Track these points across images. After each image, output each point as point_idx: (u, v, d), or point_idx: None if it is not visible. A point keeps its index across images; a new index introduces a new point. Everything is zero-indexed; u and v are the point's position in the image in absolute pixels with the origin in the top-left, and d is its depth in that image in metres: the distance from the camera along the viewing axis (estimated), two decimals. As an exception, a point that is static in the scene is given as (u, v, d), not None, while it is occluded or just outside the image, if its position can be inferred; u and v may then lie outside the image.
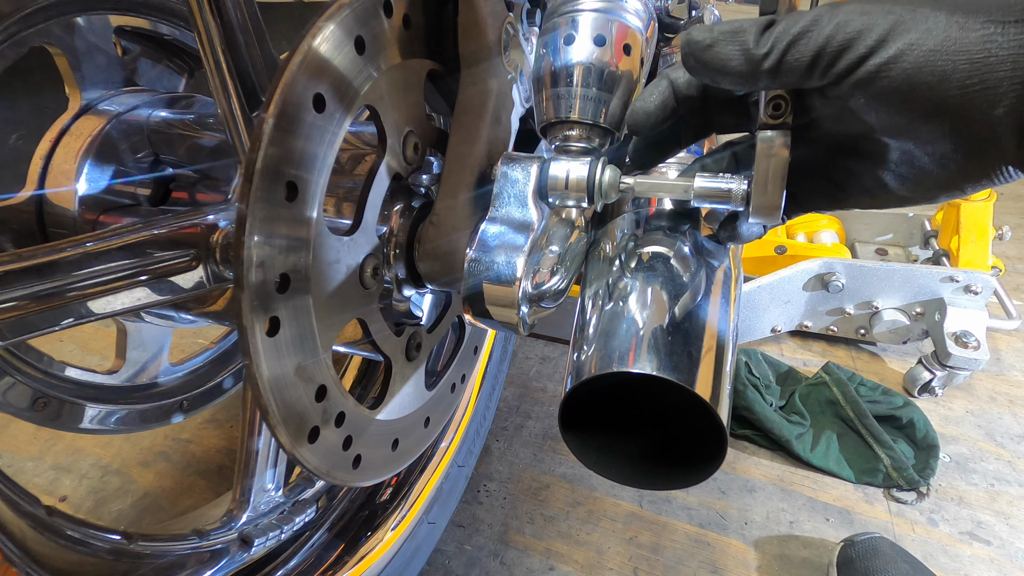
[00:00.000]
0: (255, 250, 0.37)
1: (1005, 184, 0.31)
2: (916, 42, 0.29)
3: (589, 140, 0.49)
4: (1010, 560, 0.91)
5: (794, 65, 0.32)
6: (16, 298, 0.38)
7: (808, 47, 0.32)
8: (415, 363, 0.58)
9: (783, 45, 0.32)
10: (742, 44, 0.33)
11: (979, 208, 1.27)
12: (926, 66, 0.29)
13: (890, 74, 0.30)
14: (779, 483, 1.04)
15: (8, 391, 0.66)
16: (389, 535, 0.77)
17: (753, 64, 0.33)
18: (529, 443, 1.11)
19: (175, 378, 0.86)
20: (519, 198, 0.47)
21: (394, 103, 0.47)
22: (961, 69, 0.28)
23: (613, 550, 0.93)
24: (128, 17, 0.69)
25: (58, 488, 1.02)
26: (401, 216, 0.52)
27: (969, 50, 0.28)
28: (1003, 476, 1.05)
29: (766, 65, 0.33)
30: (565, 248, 0.48)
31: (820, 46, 0.31)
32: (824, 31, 0.31)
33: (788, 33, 0.32)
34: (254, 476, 0.63)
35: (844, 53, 0.31)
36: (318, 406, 0.44)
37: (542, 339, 1.36)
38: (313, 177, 0.40)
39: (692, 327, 0.41)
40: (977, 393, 1.22)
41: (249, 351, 0.37)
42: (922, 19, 0.30)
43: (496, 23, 0.52)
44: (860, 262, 1.22)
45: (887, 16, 0.30)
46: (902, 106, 0.31)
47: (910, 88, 0.30)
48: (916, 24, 0.30)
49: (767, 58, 0.33)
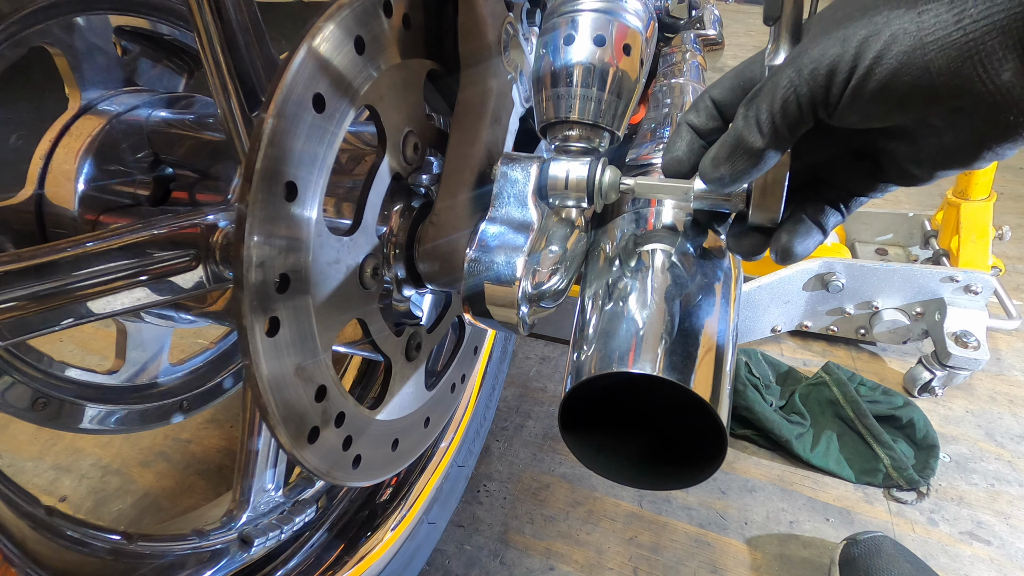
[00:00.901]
0: (255, 250, 0.37)
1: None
2: (886, 47, 0.30)
3: (589, 140, 0.49)
4: (1010, 560, 0.91)
5: (792, 126, 0.34)
6: (16, 298, 0.38)
7: (792, 106, 0.33)
8: (415, 363, 0.58)
9: (770, 126, 0.34)
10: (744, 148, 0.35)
11: (979, 208, 1.27)
12: (904, 65, 0.29)
13: (870, 87, 0.31)
14: (779, 483, 1.04)
15: (8, 391, 0.66)
16: (389, 535, 0.77)
17: (761, 157, 0.35)
18: (529, 443, 1.11)
19: (175, 378, 0.86)
20: (519, 198, 0.47)
21: (394, 103, 0.47)
22: (942, 55, 0.28)
23: (613, 550, 0.93)
24: (128, 17, 0.69)
25: (58, 488, 1.02)
26: (401, 216, 0.52)
27: (944, 35, 0.28)
28: (1003, 476, 1.05)
29: (771, 147, 0.35)
30: (565, 248, 0.48)
31: (806, 97, 0.33)
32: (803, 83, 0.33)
33: (771, 109, 0.34)
34: (254, 476, 0.63)
35: (829, 89, 0.32)
36: (318, 406, 0.44)
37: (542, 339, 1.36)
38: (313, 177, 0.40)
39: (692, 327, 0.41)
40: (977, 393, 1.22)
41: (249, 351, 0.37)
42: (884, 22, 0.30)
43: (496, 23, 0.52)
44: (860, 262, 1.22)
45: (857, 32, 0.31)
46: (897, 107, 0.31)
47: (895, 91, 0.30)
48: (883, 28, 0.30)
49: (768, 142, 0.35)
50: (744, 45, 3.34)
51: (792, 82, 0.33)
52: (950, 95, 0.29)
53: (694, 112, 0.41)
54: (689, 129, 0.41)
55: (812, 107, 0.33)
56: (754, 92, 0.35)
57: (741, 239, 0.42)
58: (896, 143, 0.36)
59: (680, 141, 0.42)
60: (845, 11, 0.33)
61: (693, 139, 0.41)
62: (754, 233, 0.41)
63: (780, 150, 0.35)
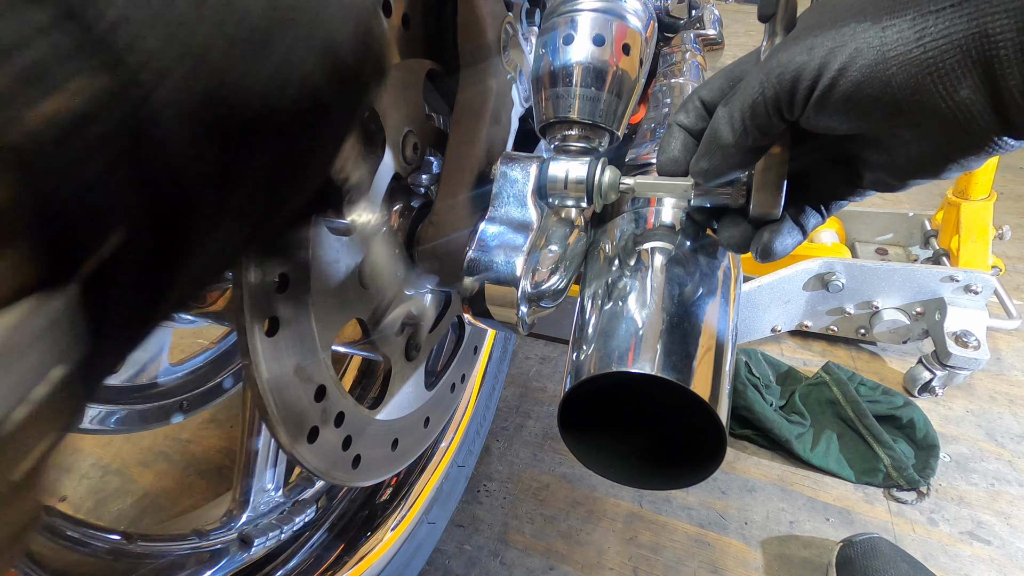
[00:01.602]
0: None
1: (1008, 153, 0.32)
2: (850, 59, 0.31)
3: (588, 140, 0.49)
4: (1010, 560, 0.91)
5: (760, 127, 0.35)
6: (15, 298, 0.38)
7: (760, 107, 0.35)
8: (415, 363, 0.58)
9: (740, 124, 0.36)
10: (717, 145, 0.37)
11: (979, 208, 1.27)
12: (866, 79, 0.30)
13: (834, 97, 0.32)
14: (779, 483, 1.04)
15: (8, 391, 0.66)
16: (389, 535, 0.77)
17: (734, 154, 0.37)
18: (529, 443, 1.11)
19: (175, 378, 0.86)
20: (518, 198, 0.47)
21: (393, 103, 0.47)
22: (903, 71, 0.29)
23: (613, 550, 0.93)
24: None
25: (58, 488, 1.02)
26: (400, 216, 0.52)
27: (905, 51, 0.29)
28: (1003, 476, 1.05)
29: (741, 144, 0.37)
30: (564, 248, 0.48)
31: (772, 100, 0.34)
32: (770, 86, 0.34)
33: (742, 108, 0.36)
34: (254, 476, 0.63)
35: (793, 95, 0.33)
36: (317, 406, 0.44)
37: (542, 339, 1.36)
38: (312, 177, 0.40)
39: (691, 327, 0.41)
40: (977, 393, 1.22)
41: (248, 351, 0.37)
42: (850, 35, 0.31)
43: (495, 23, 0.52)
44: (860, 262, 1.22)
45: (824, 43, 0.32)
46: (861, 118, 0.32)
47: (858, 103, 0.31)
48: (849, 41, 0.31)
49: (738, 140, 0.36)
50: (744, 45, 3.34)
51: (761, 84, 0.34)
52: (911, 109, 0.30)
53: (684, 113, 0.42)
54: (680, 129, 0.42)
55: (778, 110, 0.34)
56: (733, 91, 0.37)
57: (729, 231, 0.43)
58: (869, 151, 0.36)
59: (674, 141, 0.42)
60: (816, 20, 0.34)
61: (687, 138, 0.42)
62: (746, 227, 0.42)
63: (753, 148, 0.37)
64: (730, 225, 0.43)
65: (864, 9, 0.31)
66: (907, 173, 0.35)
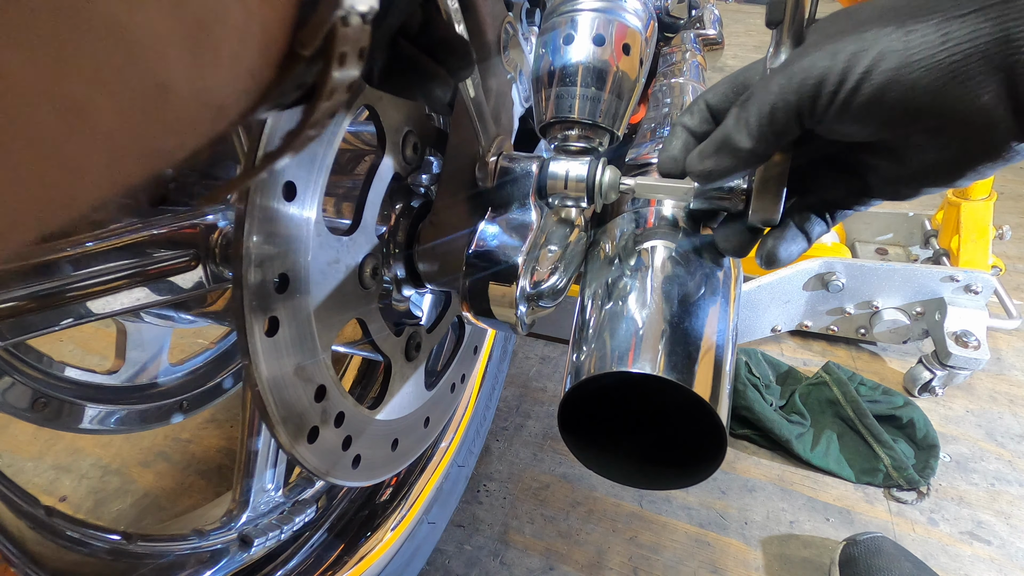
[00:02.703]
0: (254, 250, 0.37)
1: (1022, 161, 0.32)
2: (874, 63, 0.30)
3: (589, 140, 0.49)
4: (1010, 560, 0.91)
5: (778, 132, 0.35)
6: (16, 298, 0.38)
7: (780, 113, 0.34)
8: (415, 363, 0.58)
9: (757, 129, 0.35)
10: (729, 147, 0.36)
11: (979, 208, 1.27)
12: (890, 82, 0.30)
13: (857, 101, 0.31)
14: (779, 483, 1.04)
15: (8, 391, 0.66)
16: (389, 535, 0.77)
17: (745, 158, 0.36)
18: (529, 443, 1.11)
19: (175, 378, 0.86)
20: (518, 198, 0.47)
21: (393, 103, 0.47)
22: (927, 75, 0.29)
23: (613, 550, 0.93)
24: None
25: (58, 488, 1.02)
26: (400, 216, 0.52)
27: (929, 55, 0.29)
28: (1003, 476, 1.05)
29: (757, 149, 0.36)
30: (564, 247, 0.48)
31: (793, 106, 0.33)
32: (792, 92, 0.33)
33: (760, 113, 0.34)
34: (254, 476, 0.63)
35: (816, 100, 0.33)
36: (317, 406, 0.44)
37: (542, 339, 1.35)
38: (312, 177, 0.40)
39: (692, 327, 0.41)
40: (977, 393, 1.22)
41: (248, 351, 0.37)
42: (873, 39, 0.31)
43: (495, 23, 0.52)
44: (860, 262, 1.22)
45: (847, 47, 0.31)
46: (882, 122, 0.32)
47: (881, 106, 0.31)
48: (872, 45, 0.31)
49: (754, 144, 0.35)
50: (744, 45, 3.34)
51: (782, 89, 0.34)
52: (933, 114, 0.30)
53: (688, 115, 0.42)
54: (684, 130, 0.42)
55: (798, 116, 0.34)
56: (748, 94, 0.36)
57: (730, 236, 0.43)
58: (881, 159, 0.36)
59: (676, 141, 0.42)
60: (838, 26, 0.33)
61: (689, 139, 0.42)
62: (744, 231, 0.42)
63: (765, 153, 0.36)
64: (728, 229, 0.43)
65: (886, 15, 0.31)
66: (922, 181, 0.35)
